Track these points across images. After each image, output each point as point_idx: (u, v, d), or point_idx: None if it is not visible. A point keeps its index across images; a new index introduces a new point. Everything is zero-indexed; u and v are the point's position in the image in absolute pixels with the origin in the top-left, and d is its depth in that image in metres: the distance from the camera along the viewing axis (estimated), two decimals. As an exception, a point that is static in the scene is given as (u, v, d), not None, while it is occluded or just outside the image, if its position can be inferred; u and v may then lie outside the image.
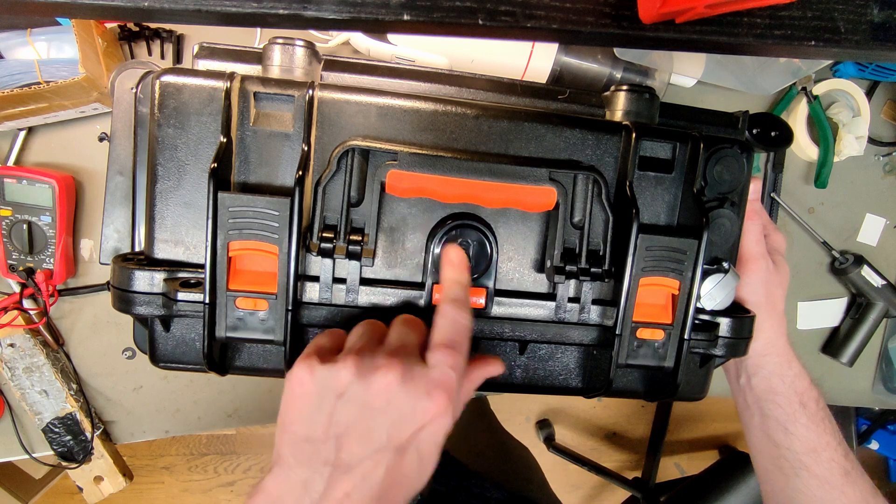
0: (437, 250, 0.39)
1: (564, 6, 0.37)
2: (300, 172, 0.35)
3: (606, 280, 0.40)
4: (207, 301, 0.35)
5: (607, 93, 0.43)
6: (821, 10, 0.37)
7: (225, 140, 0.35)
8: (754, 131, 0.46)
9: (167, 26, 0.63)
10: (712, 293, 0.41)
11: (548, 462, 1.61)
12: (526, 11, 0.36)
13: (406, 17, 0.36)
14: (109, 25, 0.61)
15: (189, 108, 0.36)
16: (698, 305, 0.41)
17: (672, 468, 1.72)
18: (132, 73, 0.40)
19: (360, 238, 0.37)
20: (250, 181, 0.38)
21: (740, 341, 0.42)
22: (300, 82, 0.37)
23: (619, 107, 0.42)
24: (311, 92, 0.36)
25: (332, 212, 0.38)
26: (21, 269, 0.62)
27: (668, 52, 0.64)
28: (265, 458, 1.67)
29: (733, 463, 1.05)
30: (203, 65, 0.40)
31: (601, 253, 0.40)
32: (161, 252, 0.37)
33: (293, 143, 0.37)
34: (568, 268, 0.39)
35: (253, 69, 0.40)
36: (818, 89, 0.71)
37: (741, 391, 0.49)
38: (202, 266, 0.35)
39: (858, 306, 0.75)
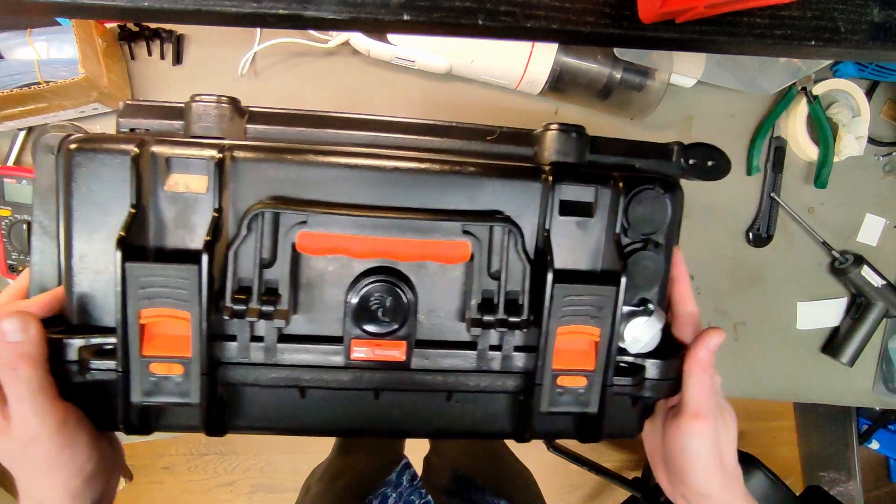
0: (355, 295, 0.39)
1: (564, 6, 0.37)
2: (208, 238, 0.35)
3: (525, 330, 0.39)
4: (120, 369, 0.35)
5: (536, 132, 0.43)
6: (821, 10, 0.37)
7: (134, 210, 0.35)
8: (691, 162, 0.45)
9: (167, 26, 0.64)
10: (638, 336, 0.40)
11: (548, 462, 1.62)
12: (526, 11, 0.36)
13: (406, 17, 0.36)
14: (109, 25, 0.61)
15: (100, 177, 0.36)
16: (624, 348, 0.41)
17: (672, 468, 1.72)
18: (54, 136, 0.40)
19: (275, 299, 0.37)
20: (168, 246, 0.37)
21: (666, 383, 0.42)
22: (212, 144, 0.37)
23: (548, 146, 0.42)
24: (219, 154, 0.36)
25: (247, 273, 0.37)
26: (21, 269, 0.61)
27: (668, 52, 0.64)
28: (265, 457, 1.67)
29: (733, 463, 1.04)
30: (125, 124, 0.40)
31: (520, 302, 0.39)
32: (81, 318, 0.38)
33: (209, 205, 0.37)
34: (485, 318, 0.39)
35: (178, 125, 0.40)
36: (818, 89, 0.71)
37: None
38: None
39: (858, 306, 0.75)
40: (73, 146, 0.36)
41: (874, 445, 1.58)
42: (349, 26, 0.37)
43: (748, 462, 1.02)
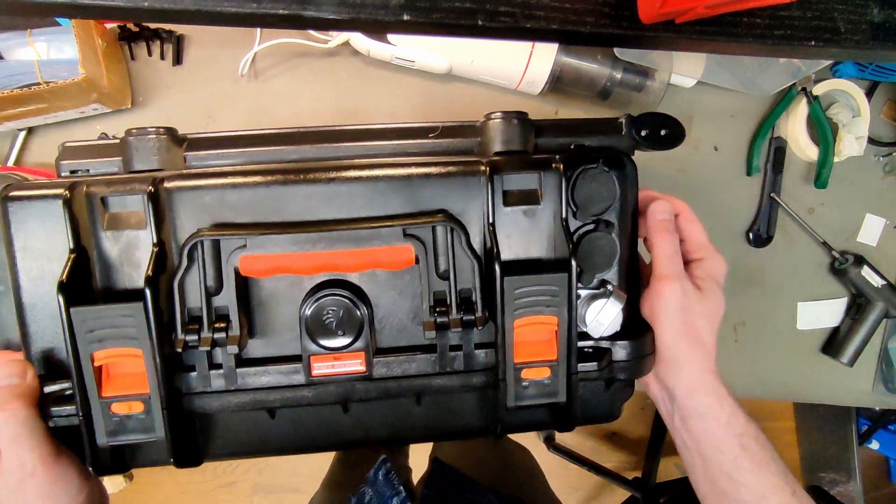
0: (307, 312, 0.38)
1: (564, 6, 0.37)
2: (149, 273, 0.34)
3: (480, 327, 0.39)
4: (81, 414, 0.35)
5: (479, 123, 0.42)
6: (821, 10, 0.38)
7: (75, 253, 0.35)
8: (643, 133, 0.44)
9: (167, 26, 0.64)
10: (599, 320, 0.40)
11: (548, 462, 1.61)
12: (526, 12, 0.36)
13: (406, 18, 0.36)
14: (109, 25, 0.61)
15: (38, 223, 0.36)
16: (588, 333, 0.40)
17: (672, 468, 1.72)
18: None
19: (226, 325, 0.37)
20: (117, 285, 0.37)
21: (638, 362, 0.41)
22: (145, 177, 0.37)
23: (491, 136, 0.41)
24: (151, 188, 0.36)
25: (196, 303, 0.37)
26: None
27: (668, 52, 0.64)
28: (265, 459, 1.67)
29: (733, 463, 1.04)
30: (66, 166, 0.40)
31: (473, 299, 0.39)
32: (40, 367, 0.37)
33: (150, 240, 0.37)
34: (439, 320, 0.38)
35: (118, 161, 0.40)
36: (818, 89, 0.71)
37: (678, 432, 0.45)
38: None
39: (858, 306, 0.75)
40: (6, 195, 0.36)
41: (874, 446, 1.57)
42: (349, 26, 0.37)
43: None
